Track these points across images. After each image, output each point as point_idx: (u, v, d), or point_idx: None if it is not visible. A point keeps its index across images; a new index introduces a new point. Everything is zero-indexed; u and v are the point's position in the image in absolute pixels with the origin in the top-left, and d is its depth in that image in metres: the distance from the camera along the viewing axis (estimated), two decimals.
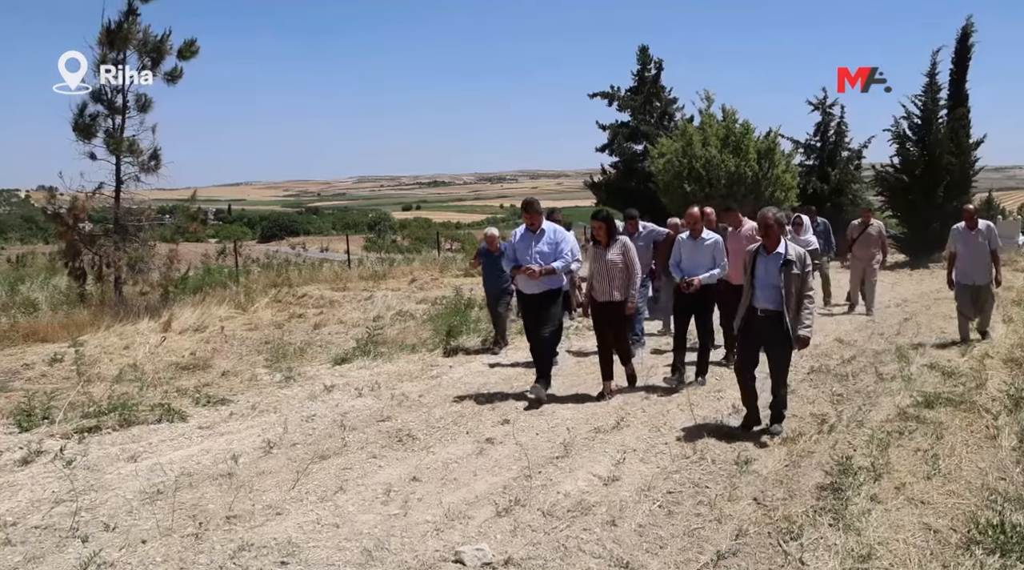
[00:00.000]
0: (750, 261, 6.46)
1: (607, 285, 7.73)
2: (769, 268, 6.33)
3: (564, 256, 7.79)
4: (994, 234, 10.36)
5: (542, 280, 7.75)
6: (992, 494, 5.06)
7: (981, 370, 8.49)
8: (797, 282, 6.24)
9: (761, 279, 6.37)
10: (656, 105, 32.32)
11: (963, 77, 27.04)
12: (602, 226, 7.76)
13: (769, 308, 6.33)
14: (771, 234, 6.36)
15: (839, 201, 27.85)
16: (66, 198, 14.12)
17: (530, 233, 7.90)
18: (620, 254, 7.72)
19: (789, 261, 6.22)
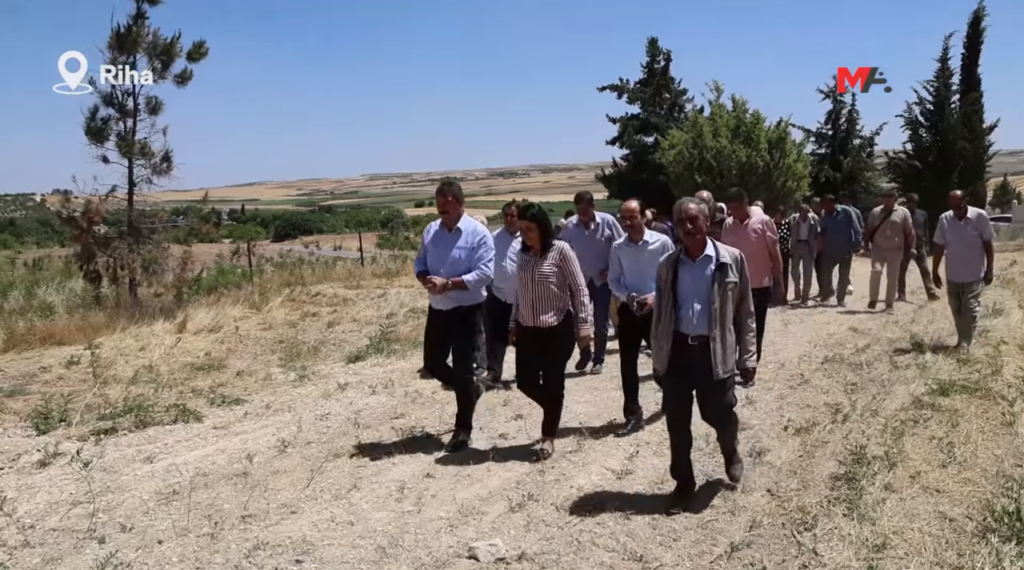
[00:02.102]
0: (669, 272, 4.90)
1: (535, 305, 5.92)
2: (697, 278, 4.81)
3: (482, 265, 6.18)
4: (986, 223, 9.24)
5: (450, 294, 6.17)
6: (1008, 481, 5.04)
7: (996, 356, 8.44)
8: (735, 293, 4.82)
9: (687, 294, 4.82)
10: (666, 97, 32.29)
11: (975, 62, 26.91)
12: (532, 228, 5.94)
13: (703, 333, 4.78)
14: (697, 232, 4.79)
15: (852, 189, 27.70)
16: (80, 201, 14.23)
17: (444, 231, 6.33)
18: (555, 265, 5.90)
19: (723, 265, 4.78)
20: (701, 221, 4.80)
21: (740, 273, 4.84)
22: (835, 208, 13.68)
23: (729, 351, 4.82)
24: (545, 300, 5.92)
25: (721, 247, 4.91)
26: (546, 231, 6.00)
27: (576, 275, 5.98)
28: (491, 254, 6.31)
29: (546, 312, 5.92)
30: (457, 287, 6.10)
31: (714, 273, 4.78)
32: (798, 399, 7.40)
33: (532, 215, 5.98)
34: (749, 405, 7.15)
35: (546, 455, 5.91)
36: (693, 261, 4.84)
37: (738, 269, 4.83)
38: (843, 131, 30.08)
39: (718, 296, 4.74)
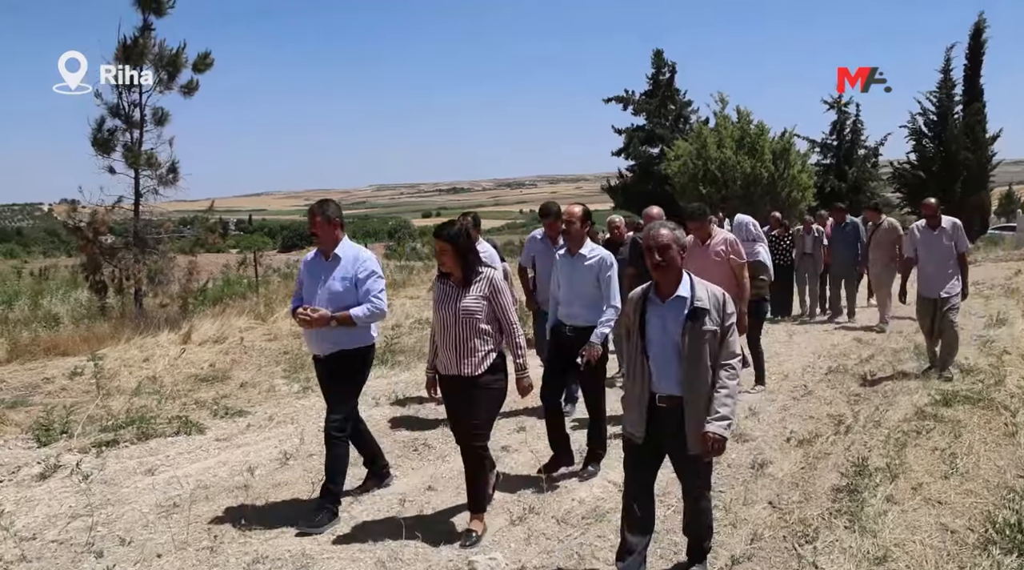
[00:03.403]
0: (636, 314, 3.97)
1: (457, 348, 4.78)
2: (666, 324, 3.87)
3: (372, 299, 5.14)
4: (961, 234, 8.38)
5: (331, 334, 5.11)
6: (1010, 492, 5.03)
7: (1000, 366, 8.41)
8: (713, 344, 3.84)
9: (655, 343, 3.89)
10: (671, 108, 32.34)
11: (977, 72, 27.04)
12: (446, 250, 4.73)
13: (673, 393, 3.86)
14: (668, 266, 3.84)
15: (857, 199, 27.67)
16: (87, 212, 14.29)
17: (321, 259, 5.28)
18: (482, 298, 4.78)
19: (699, 310, 3.81)
20: (674, 251, 3.82)
21: (722, 319, 3.84)
22: (845, 218, 12.97)
23: (696, 411, 3.87)
24: (469, 342, 4.78)
25: (700, 285, 3.90)
26: (465, 255, 4.77)
27: (508, 310, 4.85)
28: (381, 285, 5.26)
29: (470, 356, 4.77)
30: (343, 323, 5.06)
31: (687, 319, 3.81)
32: (801, 410, 7.38)
33: (447, 235, 4.73)
34: (752, 416, 7.16)
35: (472, 540, 4.72)
36: (663, 301, 3.89)
37: (719, 314, 3.83)
38: (848, 141, 30.10)
39: (689, 347, 3.78)
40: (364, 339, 5.26)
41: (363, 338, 5.25)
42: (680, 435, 3.87)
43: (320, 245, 5.26)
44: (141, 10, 14.39)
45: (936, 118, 27.26)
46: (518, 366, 4.92)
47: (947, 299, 8.21)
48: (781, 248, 12.92)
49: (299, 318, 5.10)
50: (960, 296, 8.34)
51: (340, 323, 5.05)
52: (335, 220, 5.21)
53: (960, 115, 26.94)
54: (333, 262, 5.20)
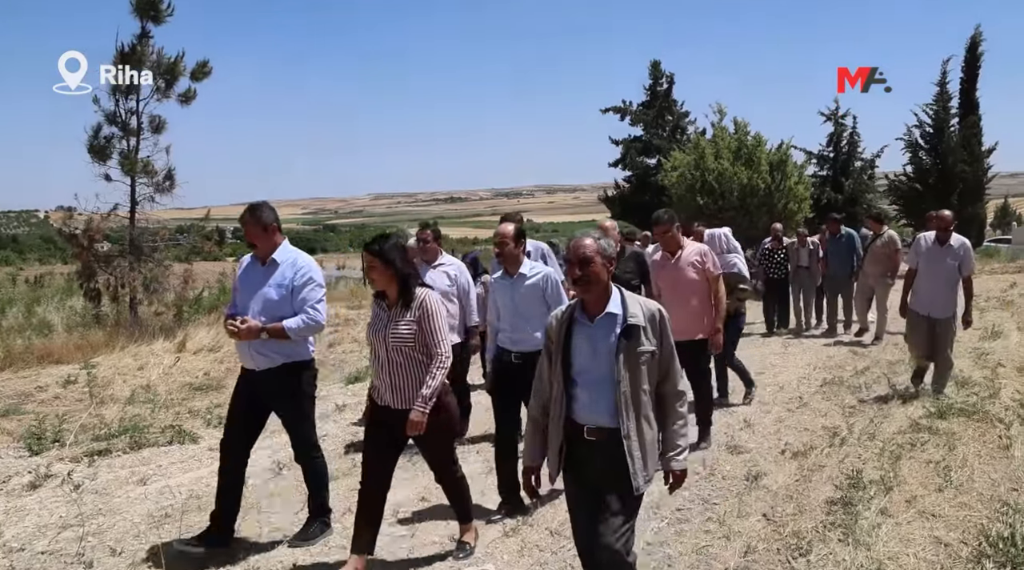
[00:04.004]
0: (560, 333, 3.45)
1: (392, 378, 4.38)
2: (595, 345, 3.39)
3: (309, 309, 4.71)
4: (969, 255, 7.77)
5: (263, 347, 4.70)
6: (1003, 506, 5.01)
7: (994, 379, 8.40)
8: (652, 366, 3.40)
9: (582, 367, 3.41)
10: (668, 119, 32.41)
11: (973, 86, 27.24)
12: (375, 266, 4.34)
13: (604, 424, 3.37)
14: (591, 280, 3.37)
15: (853, 211, 27.74)
16: (82, 219, 14.27)
17: (257, 265, 4.89)
18: (414, 324, 4.33)
19: (632, 328, 3.34)
20: (598, 265, 3.34)
21: (660, 339, 3.41)
22: (840, 229, 12.66)
23: (649, 451, 3.41)
24: (406, 372, 4.35)
25: (633, 301, 3.43)
26: (398, 273, 4.32)
27: (435, 333, 4.34)
28: (320, 294, 4.83)
29: (408, 389, 4.36)
30: (275, 335, 4.64)
31: (619, 339, 3.34)
32: (796, 422, 7.37)
33: (376, 249, 4.33)
34: (747, 428, 7.15)
35: (466, 552, 4.67)
36: (591, 320, 3.41)
37: (656, 333, 3.39)
38: (844, 153, 30.18)
39: (625, 371, 3.32)
40: (301, 353, 4.83)
41: (300, 352, 4.82)
42: (615, 472, 3.34)
43: (256, 250, 4.87)
44: (139, 18, 14.41)
45: (932, 131, 27.43)
46: (421, 396, 4.28)
47: (942, 321, 7.74)
48: (775, 261, 12.80)
49: (227, 329, 4.70)
50: (957, 320, 7.86)
51: (272, 335, 4.63)
52: (271, 225, 4.82)
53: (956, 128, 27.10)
54: (269, 268, 4.80)
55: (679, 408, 3.50)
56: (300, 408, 4.92)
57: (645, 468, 3.37)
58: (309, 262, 4.90)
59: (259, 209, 4.84)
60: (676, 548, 4.69)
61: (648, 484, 3.41)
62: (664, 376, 3.47)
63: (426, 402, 4.29)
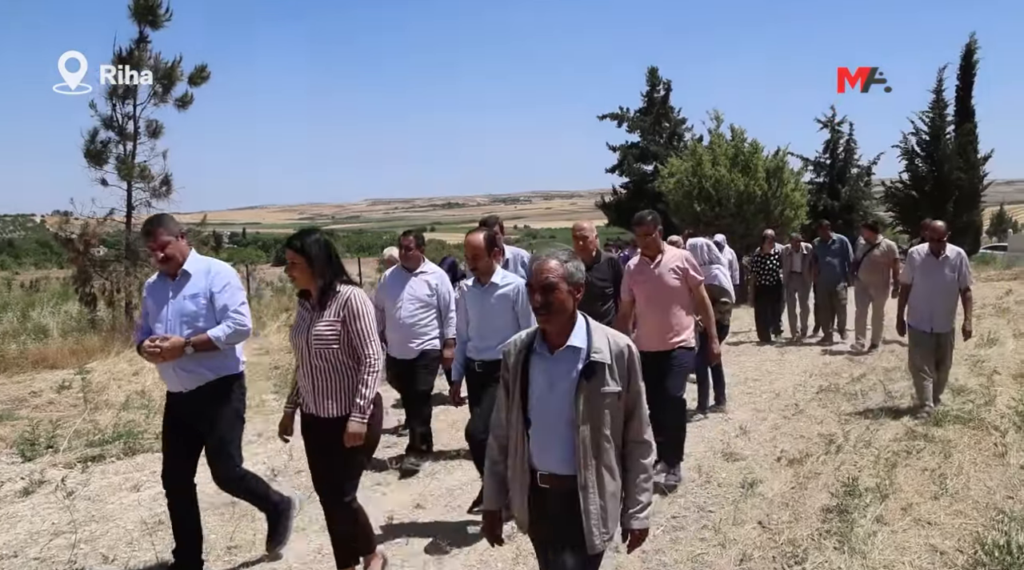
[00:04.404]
0: (516, 367, 3.03)
1: (315, 384, 4.09)
2: (554, 382, 2.96)
3: (232, 314, 4.38)
4: (966, 266, 7.54)
5: (190, 364, 4.33)
6: (999, 514, 5.00)
7: (990, 386, 8.40)
8: (615, 410, 2.95)
9: (541, 406, 2.98)
10: (665, 125, 32.44)
11: (969, 93, 27.31)
12: (298, 263, 4.04)
13: (558, 471, 2.96)
14: (555, 308, 2.91)
15: (850, 218, 27.77)
16: (79, 223, 14.27)
17: (167, 280, 4.46)
18: (336, 324, 4.03)
19: (595, 365, 2.91)
20: (563, 293, 2.90)
21: (628, 379, 2.96)
22: (831, 235, 12.60)
23: (610, 506, 2.95)
24: (328, 377, 4.06)
25: (599, 333, 2.98)
26: (319, 269, 4.03)
27: (364, 335, 4.04)
28: (241, 296, 4.51)
29: (330, 395, 4.06)
30: (201, 348, 4.28)
31: (580, 377, 2.90)
32: (792, 429, 7.36)
33: (298, 245, 4.03)
34: (743, 435, 7.14)
35: None
36: (551, 352, 2.98)
37: (624, 372, 2.95)
38: (841, 160, 30.22)
39: (586, 414, 2.89)
40: (230, 367, 4.48)
41: (229, 365, 4.47)
42: (570, 526, 2.92)
43: (165, 265, 4.41)
44: (137, 22, 14.44)
45: (928, 138, 27.53)
46: (356, 406, 3.99)
47: (944, 334, 7.49)
48: (767, 267, 12.66)
49: (146, 353, 4.25)
50: (964, 335, 7.68)
51: (198, 348, 4.26)
52: (180, 234, 4.47)
53: (952, 135, 27.19)
54: (181, 279, 4.42)
55: (643, 460, 3.02)
56: (229, 426, 4.51)
57: (604, 525, 2.92)
58: (223, 266, 4.60)
59: (166, 219, 4.51)
60: (671, 555, 4.68)
61: (608, 543, 2.97)
62: (629, 422, 3.01)
63: (363, 412, 4.00)
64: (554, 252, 3.00)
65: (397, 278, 6.64)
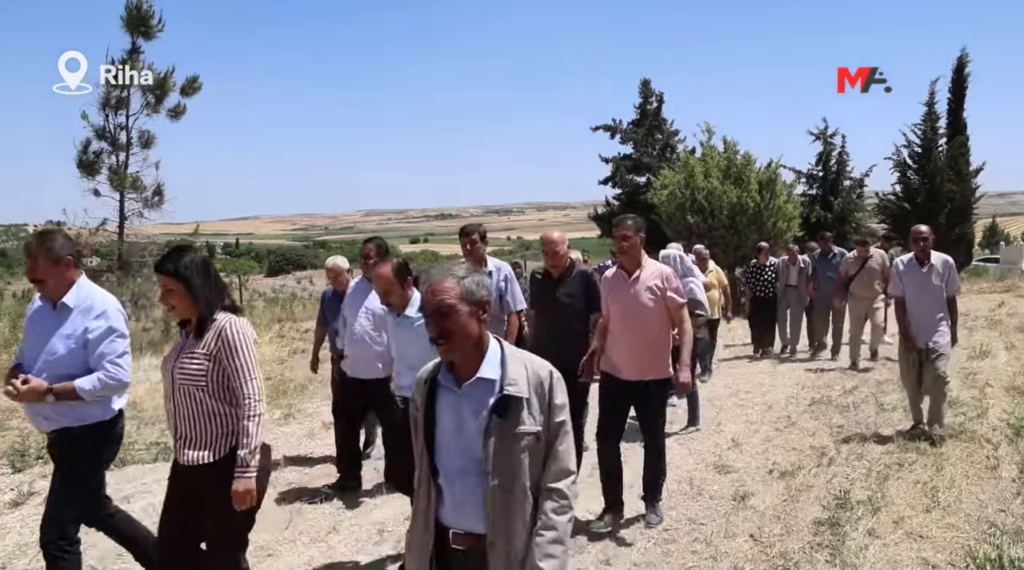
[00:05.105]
0: (423, 403, 2.61)
1: (179, 427, 3.52)
2: (462, 420, 2.54)
3: (107, 365, 3.82)
4: (953, 274, 7.11)
5: (49, 409, 3.85)
6: (991, 527, 5.00)
7: (982, 399, 8.41)
8: (535, 452, 2.52)
9: (447, 450, 2.56)
10: (658, 137, 32.52)
11: (960, 106, 27.47)
12: (173, 289, 3.49)
13: (473, 529, 2.53)
14: (455, 335, 2.49)
15: (843, 229, 27.84)
16: (72, 234, 14.26)
17: (48, 307, 3.96)
18: (205, 360, 3.45)
19: (510, 399, 2.49)
20: (463, 316, 2.48)
21: (549, 413, 2.53)
22: (831, 248, 12.32)
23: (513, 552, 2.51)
24: (194, 419, 3.47)
25: (515, 361, 2.56)
26: (201, 295, 3.48)
27: (243, 372, 3.44)
28: (122, 346, 3.92)
29: (194, 442, 3.47)
30: (63, 398, 3.77)
31: (490, 415, 2.48)
32: (784, 441, 7.35)
33: (170, 268, 3.47)
34: (735, 447, 7.13)
35: None
36: (458, 386, 2.55)
37: (544, 406, 2.52)
38: (833, 172, 30.33)
39: (498, 461, 2.47)
40: (94, 414, 3.91)
41: (92, 413, 3.90)
42: None
43: (47, 291, 3.93)
44: (130, 33, 14.48)
45: (920, 150, 27.66)
46: (240, 460, 3.40)
47: (934, 349, 6.96)
48: (763, 279, 12.38)
49: (5, 391, 3.86)
50: (949, 344, 7.10)
51: (60, 397, 3.76)
52: (66, 258, 3.90)
53: (944, 148, 27.33)
54: (60, 313, 3.87)
55: (555, 515, 2.50)
56: (78, 480, 3.97)
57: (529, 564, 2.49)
58: (108, 307, 3.94)
59: (51, 237, 3.94)
60: (663, 568, 4.67)
61: None
62: (547, 464, 2.55)
63: (247, 466, 3.39)
64: (449, 269, 2.55)
65: (359, 290, 6.10)
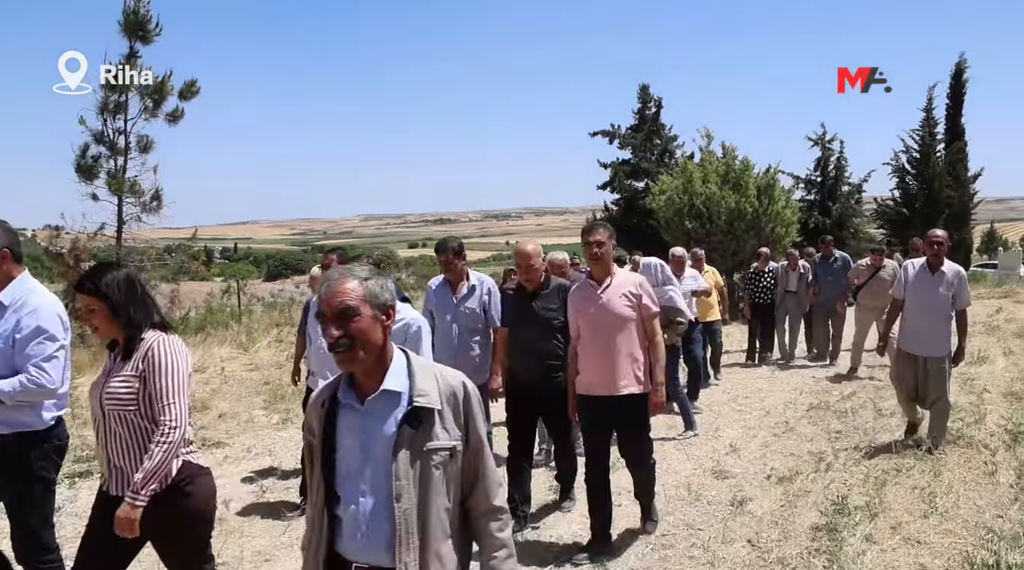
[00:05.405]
0: (320, 425, 2.33)
1: (109, 454, 3.24)
2: (369, 439, 2.26)
3: (30, 367, 3.59)
4: (963, 285, 6.74)
5: None
6: (988, 533, 5.00)
7: (980, 405, 8.41)
8: (451, 470, 2.30)
9: (347, 472, 2.28)
10: (656, 142, 32.52)
11: (959, 112, 27.58)
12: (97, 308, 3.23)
13: (380, 562, 2.25)
14: (357, 341, 2.21)
15: (841, 235, 27.85)
16: (69, 238, 14.28)
17: None
18: (132, 380, 3.18)
19: (421, 412, 2.24)
20: (366, 320, 2.21)
21: (466, 428, 2.31)
22: (833, 252, 12.30)
23: None
24: (124, 446, 3.20)
25: (424, 372, 2.31)
26: (125, 314, 3.22)
27: (165, 394, 3.15)
28: (50, 349, 3.65)
29: (132, 469, 3.17)
30: None
31: (398, 430, 2.22)
32: (782, 447, 7.36)
33: (91, 288, 3.22)
34: (733, 452, 7.13)
35: None
36: (361, 402, 2.28)
37: (460, 419, 2.30)
38: (832, 178, 30.34)
39: (408, 480, 2.21)
40: (27, 422, 3.66)
41: (27, 421, 3.66)
42: None
43: None
44: (127, 37, 14.49)
45: (919, 156, 27.77)
46: (132, 484, 3.08)
47: (933, 360, 6.72)
48: (761, 285, 12.24)
49: None
50: (954, 360, 6.80)
51: None
52: (1, 250, 3.71)
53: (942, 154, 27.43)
54: None
55: (499, 534, 2.38)
56: (27, 494, 3.74)
57: None
58: (41, 306, 3.69)
59: None
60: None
61: None
62: (473, 483, 2.36)
63: (136, 491, 3.06)
64: (351, 268, 2.30)
65: None
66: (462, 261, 5.87)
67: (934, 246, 6.70)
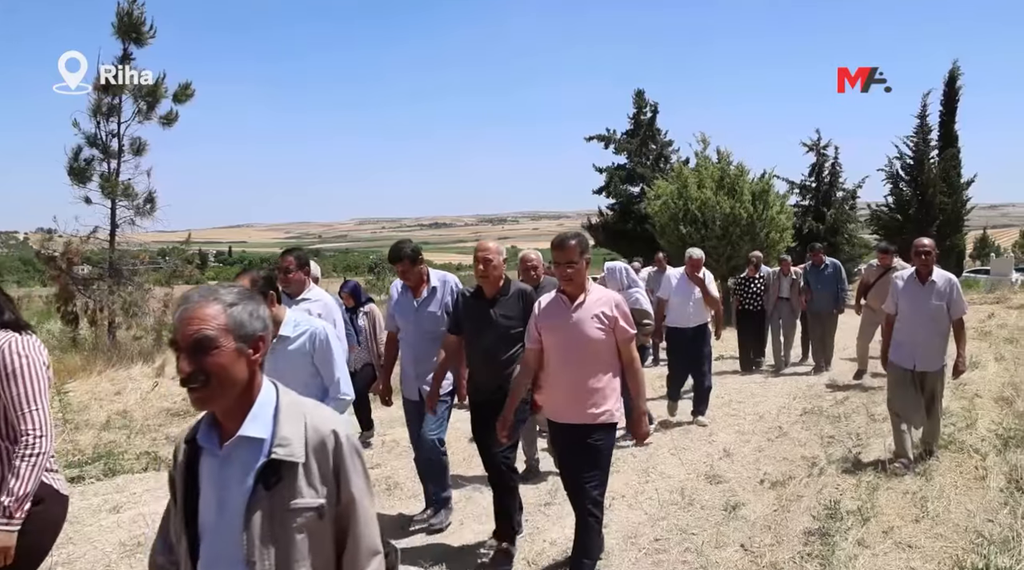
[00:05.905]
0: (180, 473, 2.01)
1: None
2: (226, 491, 1.93)
3: None
4: (957, 295, 6.49)
5: None
6: (979, 537, 5.01)
7: (971, 410, 8.43)
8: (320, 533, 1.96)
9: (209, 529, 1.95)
10: (652, 148, 32.57)
11: (952, 118, 27.65)
12: None
13: None
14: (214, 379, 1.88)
15: (835, 240, 27.89)
16: (62, 241, 14.24)
17: None
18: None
19: (280, 466, 1.90)
20: (227, 354, 1.91)
21: (336, 483, 1.98)
22: (823, 259, 11.93)
23: None
24: None
25: (292, 413, 1.99)
26: None
27: (21, 402, 2.83)
28: None
29: None
30: None
31: (255, 485, 1.91)
32: (775, 452, 7.37)
33: None
34: (726, 457, 7.14)
35: None
36: (219, 447, 1.97)
37: (329, 473, 1.97)
38: (826, 184, 30.41)
39: (265, 546, 1.91)
40: None
41: None
42: None
43: None
44: (121, 39, 14.47)
45: (913, 162, 27.86)
46: (2, 508, 2.74)
47: (931, 374, 6.55)
48: (751, 291, 12.13)
49: None
50: (953, 373, 6.66)
51: None
52: None
53: (936, 160, 27.53)
54: None
55: None
56: None
57: None
58: None
59: None
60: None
61: None
62: (344, 545, 2.01)
63: (11, 516, 2.74)
64: (214, 290, 1.97)
65: None
66: (419, 265, 5.62)
67: (921, 256, 6.49)
